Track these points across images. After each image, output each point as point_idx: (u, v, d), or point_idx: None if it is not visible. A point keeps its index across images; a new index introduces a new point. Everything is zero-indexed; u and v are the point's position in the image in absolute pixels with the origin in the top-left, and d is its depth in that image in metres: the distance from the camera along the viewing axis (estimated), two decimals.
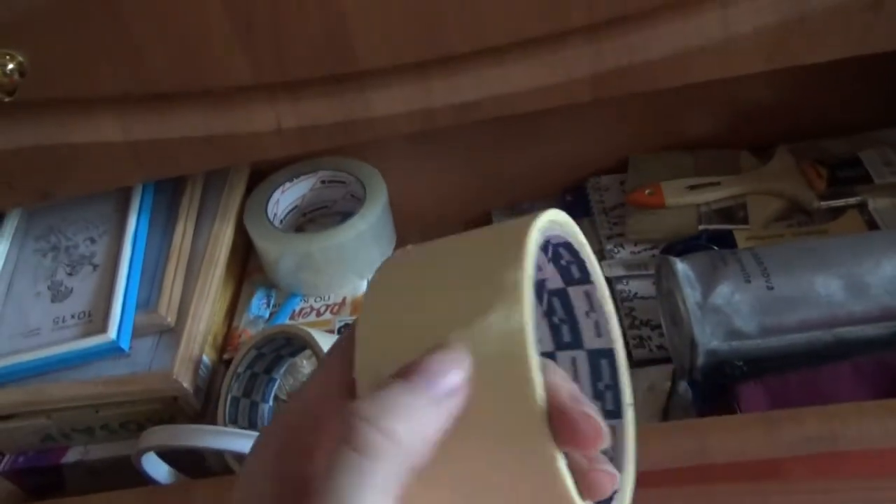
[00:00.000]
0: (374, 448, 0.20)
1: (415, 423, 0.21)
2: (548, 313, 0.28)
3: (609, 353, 0.27)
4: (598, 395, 0.27)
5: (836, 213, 0.57)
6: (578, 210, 0.66)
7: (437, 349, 0.22)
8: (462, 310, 0.22)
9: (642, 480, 0.25)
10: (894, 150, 0.60)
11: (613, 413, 0.27)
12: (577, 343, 0.27)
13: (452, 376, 0.21)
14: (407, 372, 0.21)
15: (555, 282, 0.27)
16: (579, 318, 0.27)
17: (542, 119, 0.63)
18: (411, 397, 0.21)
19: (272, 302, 0.61)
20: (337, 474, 0.20)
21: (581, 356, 0.27)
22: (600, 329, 0.27)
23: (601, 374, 0.27)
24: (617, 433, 0.26)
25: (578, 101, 0.44)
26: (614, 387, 0.27)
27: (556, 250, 0.26)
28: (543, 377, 0.21)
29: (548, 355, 0.28)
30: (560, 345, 0.28)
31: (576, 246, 0.26)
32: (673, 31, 0.42)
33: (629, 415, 0.27)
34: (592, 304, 0.27)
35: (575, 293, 0.27)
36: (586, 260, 0.26)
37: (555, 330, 0.28)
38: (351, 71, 0.43)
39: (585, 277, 0.27)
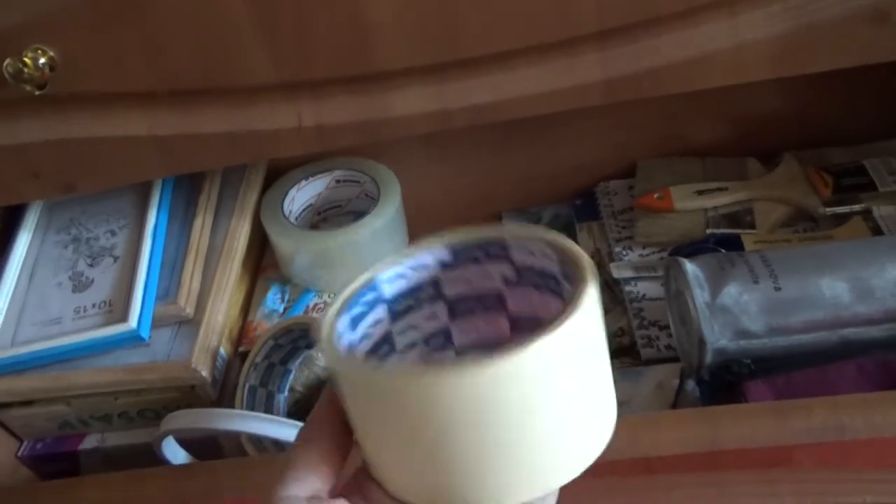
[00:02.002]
0: None
1: None
2: None
3: None
4: None
5: (841, 219, 0.58)
6: (587, 214, 0.67)
7: None
8: None
9: (655, 465, 0.26)
10: None
11: None
12: None
13: None
14: None
15: None
16: None
17: (554, 124, 0.64)
18: None
19: (287, 297, 0.62)
20: None
21: None
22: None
23: None
24: None
25: (589, 105, 0.45)
26: None
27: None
28: None
29: None
30: None
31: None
32: (682, 38, 0.43)
33: None
34: None
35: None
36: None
37: None
38: (371, 72, 0.44)
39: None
